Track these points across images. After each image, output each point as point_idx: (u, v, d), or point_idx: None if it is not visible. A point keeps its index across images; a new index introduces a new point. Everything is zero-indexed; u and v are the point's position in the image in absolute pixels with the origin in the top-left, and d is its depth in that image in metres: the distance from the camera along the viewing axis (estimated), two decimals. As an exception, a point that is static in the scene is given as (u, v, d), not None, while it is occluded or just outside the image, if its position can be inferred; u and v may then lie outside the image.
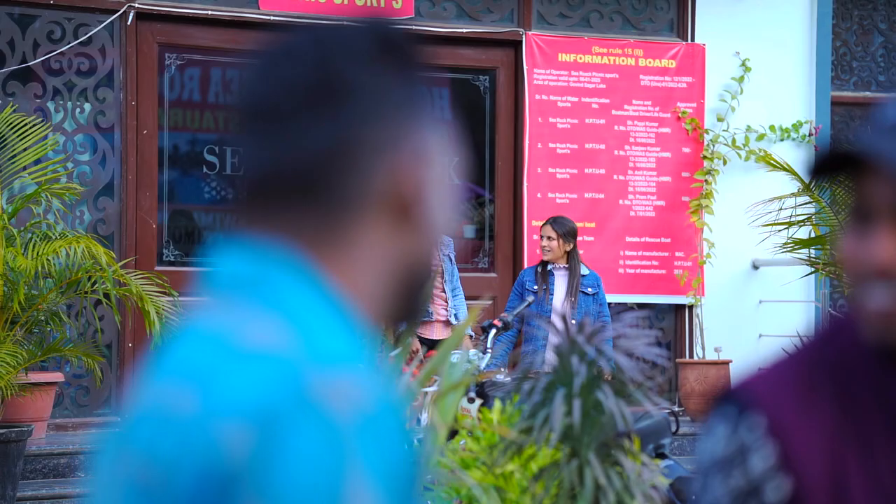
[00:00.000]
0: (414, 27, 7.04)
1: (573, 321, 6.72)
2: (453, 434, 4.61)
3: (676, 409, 8.99)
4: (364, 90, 1.07)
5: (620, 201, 9.16)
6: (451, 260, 7.73)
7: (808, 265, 7.81)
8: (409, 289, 1.07)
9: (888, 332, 1.24)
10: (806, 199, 7.60)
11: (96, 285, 6.51)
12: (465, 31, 8.87)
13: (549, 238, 7.51)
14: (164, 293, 6.47)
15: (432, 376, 3.00)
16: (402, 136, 1.08)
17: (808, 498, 1.25)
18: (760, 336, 9.16)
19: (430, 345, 7.40)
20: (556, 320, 6.99)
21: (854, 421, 1.27)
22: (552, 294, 7.38)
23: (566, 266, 7.51)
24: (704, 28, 9.34)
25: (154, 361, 1.00)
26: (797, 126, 9.46)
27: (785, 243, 7.64)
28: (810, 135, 9.47)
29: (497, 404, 3.76)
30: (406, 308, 1.08)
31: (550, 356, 7.33)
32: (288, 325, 0.97)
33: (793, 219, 7.50)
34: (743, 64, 9.38)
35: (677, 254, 9.26)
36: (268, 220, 1.05)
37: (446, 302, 7.59)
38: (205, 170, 8.33)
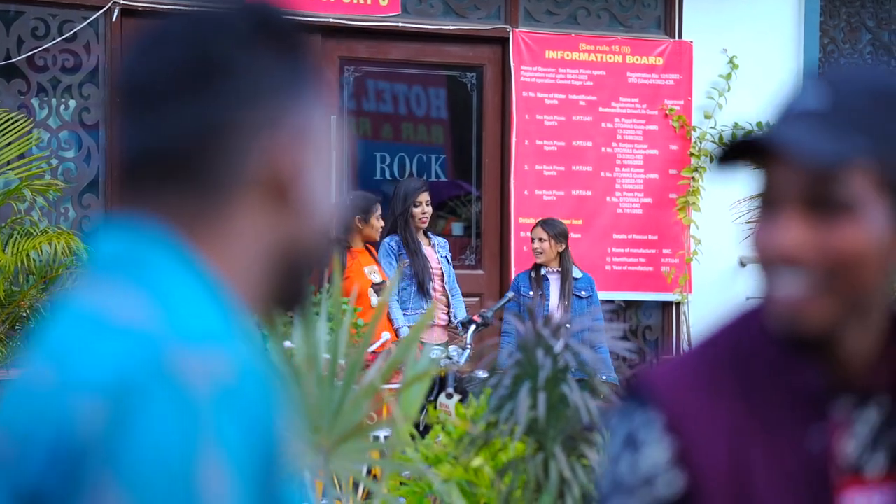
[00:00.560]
0: (401, 24, 6.99)
1: (567, 325, 6.74)
2: (427, 429, 4.60)
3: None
4: (240, 72, 1.06)
5: (607, 198, 9.16)
6: (448, 261, 7.65)
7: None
8: (291, 271, 1.07)
9: (793, 321, 1.24)
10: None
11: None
12: (451, 28, 8.87)
13: (540, 240, 7.45)
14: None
15: (396, 370, 3.00)
16: (280, 118, 1.08)
17: (707, 490, 1.25)
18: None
19: None
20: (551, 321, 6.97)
21: (758, 410, 1.27)
22: (548, 300, 7.30)
23: (559, 269, 7.45)
24: (692, 25, 9.34)
25: (30, 341, 1.00)
26: (785, 123, 9.46)
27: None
28: (798, 132, 9.46)
29: (471, 399, 3.76)
30: (289, 290, 1.08)
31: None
32: (153, 302, 0.97)
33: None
34: (730, 61, 9.38)
35: (664, 251, 9.26)
36: (145, 201, 1.05)
37: (447, 307, 7.46)
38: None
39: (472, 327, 6.23)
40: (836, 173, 1.22)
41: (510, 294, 7.04)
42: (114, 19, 7.95)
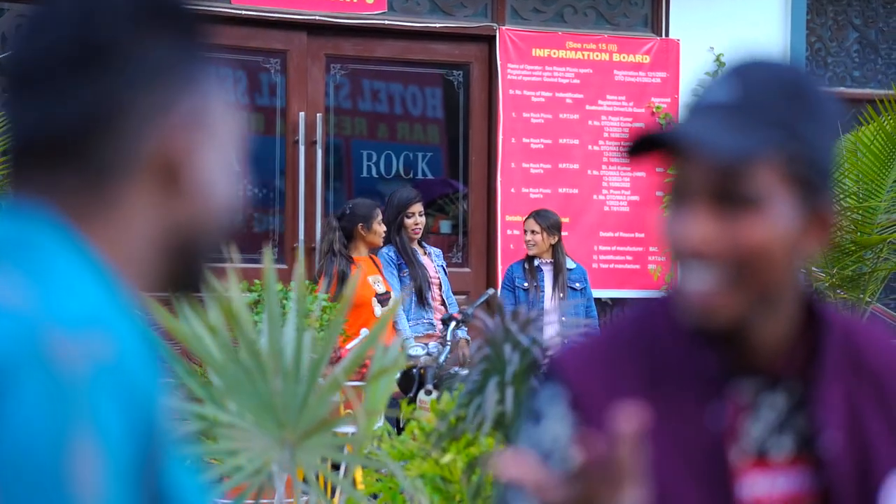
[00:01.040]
0: (387, 22, 6.96)
1: (563, 318, 6.71)
2: (400, 426, 4.61)
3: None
4: (128, 54, 1.06)
5: (594, 196, 9.16)
6: (444, 270, 7.57)
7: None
8: (184, 255, 1.07)
9: (702, 314, 1.25)
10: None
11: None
12: (438, 25, 8.87)
13: (532, 232, 7.39)
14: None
15: (360, 365, 3.00)
16: (172, 102, 1.08)
17: None
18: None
19: None
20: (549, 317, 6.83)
21: (660, 393, 1.29)
22: (542, 291, 7.24)
23: (552, 261, 7.38)
24: (679, 23, 9.35)
25: None
26: (771, 121, 9.48)
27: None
28: (784, 130, 9.48)
29: (445, 395, 3.77)
30: (182, 274, 1.08)
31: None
32: (33, 284, 0.97)
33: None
34: (717, 59, 9.37)
35: (651, 248, 9.27)
36: (33, 184, 1.05)
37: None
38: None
39: (453, 324, 6.24)
40: (743, 168, 1.23)
41: (490, 291, 7.02)
42: None
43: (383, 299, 6.74)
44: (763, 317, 1.29)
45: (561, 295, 7.14)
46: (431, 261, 7.47)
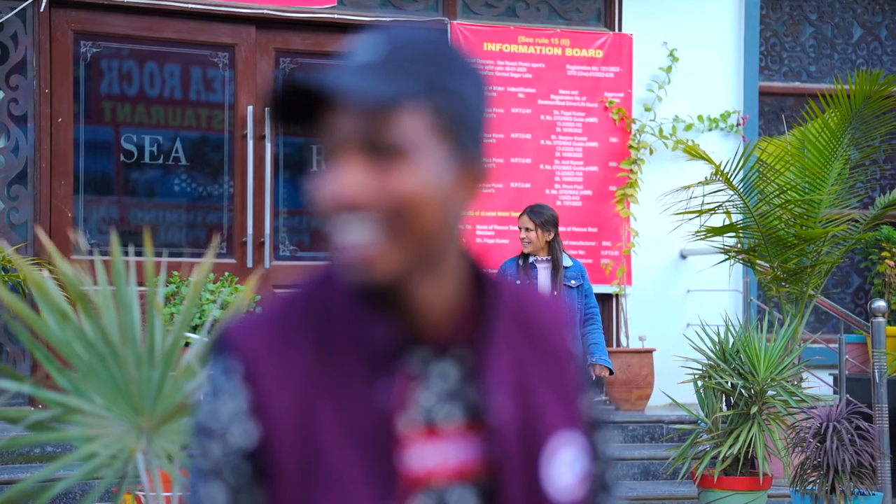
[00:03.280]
0: (337, 16, 6.95)
1: None
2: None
3: (604, 397, 9.01)
4: None
5: (547, 191, 9.16)
6: None
7: (722, 253, 7.82)
8: None
9: (362, 268, 1.25)
10: (721, 186, 7.60)
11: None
12: (388, 20, 8.86)
13: (526, 230, 7.00)
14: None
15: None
16: None
17: (275, 444, 1.26)
18: (688, 325, 9.16)
19: None
20: None
21: (331, 366, 1.28)
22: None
23: (548, 258, 6.98)
24: (632, 18, 9.35)
25: None
26: (725, 116, 9.47)
27: (697, 231, 7.65)
28: (738, 125, 9.48)
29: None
30: None
31: None
32: None
33: (704, 206, 7.51)
34: (671, 54, 9.39)
35: (604, 243, 9.27)
36: None
37: None
38: (122, 158, 8.30)
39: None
40: (388, 115, 1.23)
41: None
42: (41, 10, 7.92)
43: None
44: (426, 277, 1.28)
45: (555, 293, 6.90)
46: None
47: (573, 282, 6.94)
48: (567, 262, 6.99)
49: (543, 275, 6.92)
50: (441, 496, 1.30)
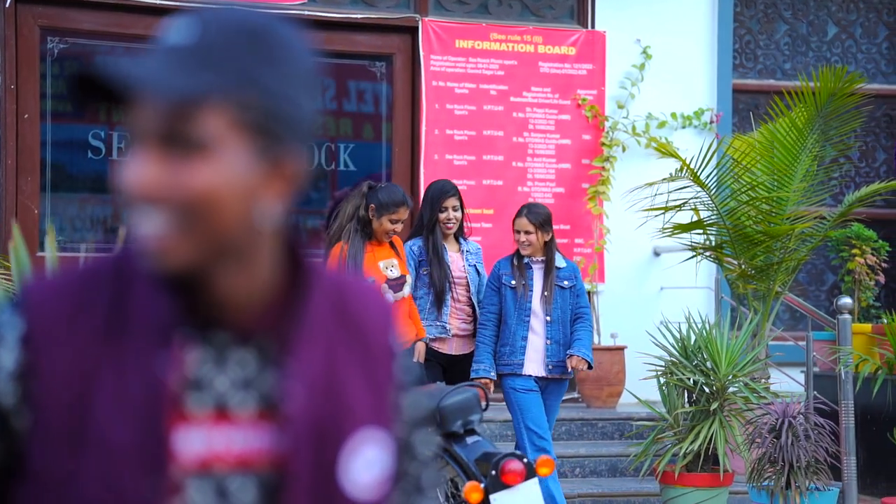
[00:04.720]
0: (308, 12, 6.89)
1: (548, 318, 6.47)
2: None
3: (576, 395, 8.99)
4: None
5: (519, 188, 9.15)
6: (477, 270, 6.94)
7: (689, 249, 7.80)
8: None
9: (155, 258, 1.25)
10: (689, 182, 7.59)
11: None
12: (360, 16, 8.85)
13: (526, 233, 6.71)
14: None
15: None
16: None
17: (42, 407, 1.26)
18: (661, 322, 9.14)
19: (446, 361, 6.72)
20: (533, 319, 6.53)
21: (119, 335, 1.27)
22: (531, 290, 6.69)
23: (543, 259, 6.78)
24: (605, 15, 9.33)
25: None
26: (699, 114, 9.46)
27: (664, 228, 7.64)
28: (711, 122, 9.46)
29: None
30: None
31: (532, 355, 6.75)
32: None
33: (670, 203, 7.50)
34: (644, 51, 9.37)
35: (577, 241, 9.25)
36: None
37: (469, 316, 6.81)
38: (90, 155, 8.29)
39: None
40: (188, 110, 1.21)
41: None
42: (7, 5, 7.91)
43: (395, 284, 6.34)
44: (229, 267, 1.27)
45: (546, 293, 6.59)
46: (463, 258, 6.90)
47: (566, 282, 6.79)
48: (561, 262, 6.84)
49: (538, 275, 6.76)
50: (221, 482, 1.29)
